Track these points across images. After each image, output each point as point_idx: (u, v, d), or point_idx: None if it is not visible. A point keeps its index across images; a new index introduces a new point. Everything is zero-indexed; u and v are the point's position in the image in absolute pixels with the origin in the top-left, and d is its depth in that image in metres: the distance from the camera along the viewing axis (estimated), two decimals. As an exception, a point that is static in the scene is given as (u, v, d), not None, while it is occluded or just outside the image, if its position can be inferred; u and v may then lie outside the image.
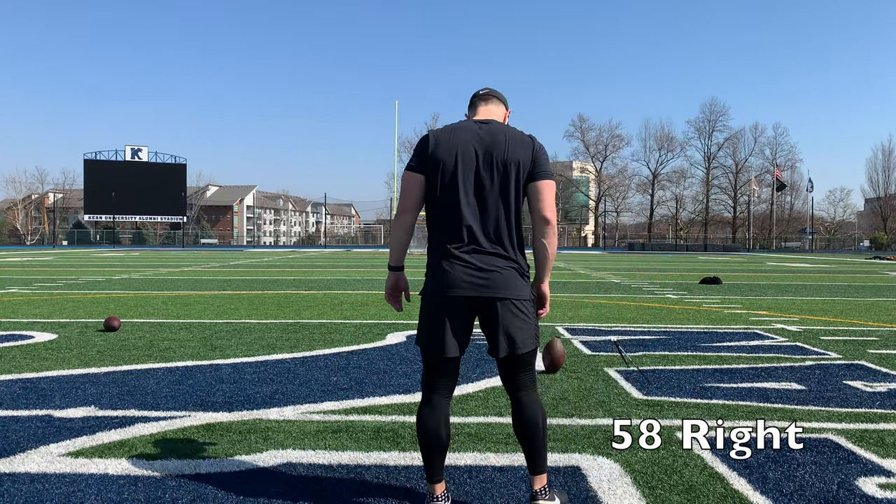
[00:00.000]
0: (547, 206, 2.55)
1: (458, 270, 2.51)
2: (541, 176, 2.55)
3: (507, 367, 2.61)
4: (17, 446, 3.35)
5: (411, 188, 2.57)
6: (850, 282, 16.46)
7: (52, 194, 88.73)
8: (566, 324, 8.01)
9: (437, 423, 2.57)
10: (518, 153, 2.52)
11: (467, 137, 2.54)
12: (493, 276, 2.51)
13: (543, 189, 2.55)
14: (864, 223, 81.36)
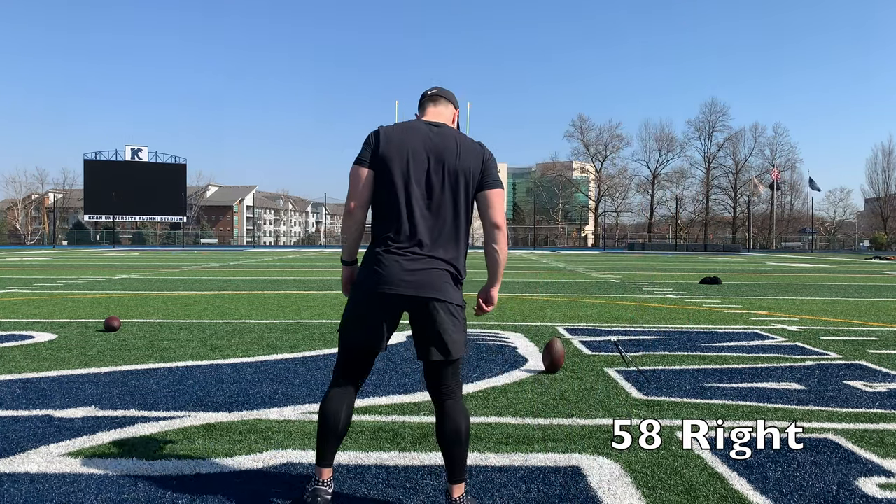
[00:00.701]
0: (497, 214, 2.57)
1: (395, 268, 2.50)
2: (491, 185, 2.58)
3: (436, 372, 2.59)
4: (17, 446, 3.35)
5: (361, 183, 2.54)
6: (850, 282, 16.46)
7: (52, 194, 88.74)
8: (566, 324, 8.01)
9: (339, 409, 2.58)
10: (469, 161, 2.54)
11: (419, 139, 2.53)
12: (429, 277, 2.50)
13: (493, 198, 2.58)
14: (864, 223, 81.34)
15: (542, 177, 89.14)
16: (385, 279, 2.50)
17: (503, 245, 2.59)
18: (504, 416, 3.93)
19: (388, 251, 2.52)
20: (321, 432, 2.60)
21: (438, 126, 2.59)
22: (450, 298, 2.52)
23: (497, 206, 2.57)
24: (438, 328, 2.51)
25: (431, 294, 2.49)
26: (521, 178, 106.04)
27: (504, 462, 3.18)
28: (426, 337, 2.54)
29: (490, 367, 5.33)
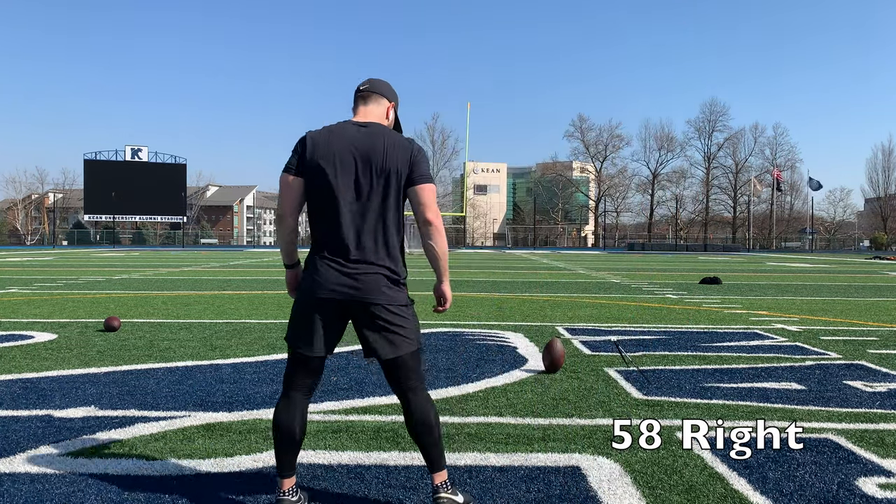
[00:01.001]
0: (428, 209, 2.54)
1: (330, 273, 2.51)
2: (420, 180, 2.55)
3: (389, 370, 2.61)
4: (17, 446, 3.35)
5: (290, 191, 2.56)
6: (850, 282, 16.46)
7: (52, 194, 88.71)
8: (566, 324, 8.01)
9: (293, 419, 2.58)
10: (396, 159, 2.52)
11: (345, 142, 2.52)
12: (364, 280, 2.50)
13: (423, 193, 2.55)
14: (864, 223, 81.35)
15: (542, 177, 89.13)
16: (321, 285, 2.52)
17: (438, 240, 2.57)
18: (504, 416, 3.93)
19: (323, 257, 2.54)
20: (277, 444, 2.59)
21: (366, 126, 2.57)
22: (384, 300, 2.52)
23: (426, 201, 2.55)
24: (380, 329, 2.53)
25: (367, 298, 2.50)
26: (521, 178, 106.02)
27: (504, 462, 3.18)
28: (370, 339, 2.55)
29: (490, 367, 5.33)
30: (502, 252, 49.50)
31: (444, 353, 5.97)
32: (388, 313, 2.53)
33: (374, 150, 2.51)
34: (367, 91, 2.68)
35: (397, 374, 2.60)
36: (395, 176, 2.52)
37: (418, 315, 2.71)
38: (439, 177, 78.22)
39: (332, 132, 2.55)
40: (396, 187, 2.53)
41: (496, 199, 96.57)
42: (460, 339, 6.77)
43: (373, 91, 2.68)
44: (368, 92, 2.68)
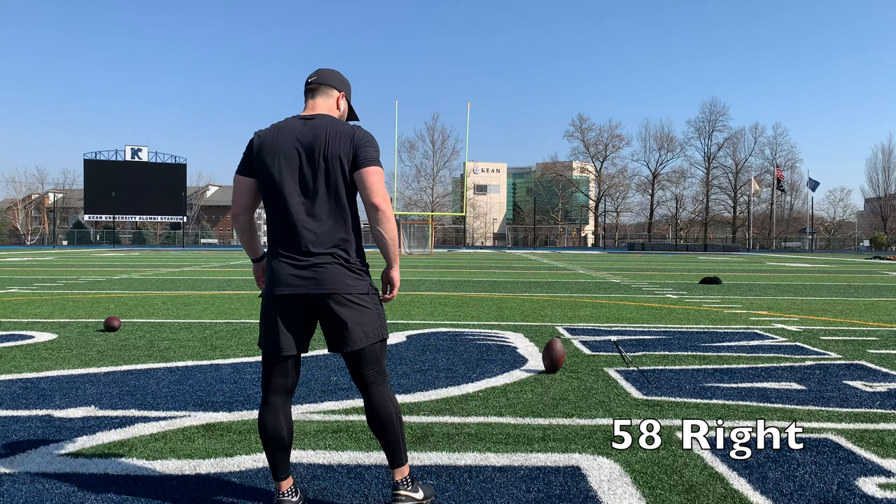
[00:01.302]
0: (374, 193, 2.50)
1: (285, 269, 2.51)
2: (363, 163, 2.50)
3: (351, 362, 2.59)
4: (17, 446, 3.36)
5: (239, 191, 2.60)
6: (850, 282, 16.46)
7: (52, 194, 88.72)
8: (566, 324, 8.01)
9: (277, 422, 2.57)
10: (339, 146, 2.49)
11: (289, 137, 2.52)
12: (320, 272, 2.49)
13: (367, 177, 2.50)
14: (864, 223, 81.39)
15: (542, 177, 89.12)
16: (278, 282, 2.52)
17: (386, 225, 2.52)
18: (504, 416, 3.93)
19: (277, 254, 2.54)
20: (266, 449, 2.59)
21: (312, 118, 2.56)
22: (343, 290, 2.50)
23: (372, 185, 2.50)
24: (340, 321, 2.51)
25: (324, 289, 2.48)
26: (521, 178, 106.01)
27: (504, 462, 3.18)
28: (329, 330, 2.55)
29: (490, 367, 5.33)
30: (502, 252, 49.51)
31: (444, 353, 5.97)
32: (348, 303, 2.51)
33: (316, 141, 2.49)
34: (315, 83, 2.66)
35: (358, 368, 2.59)
36: (339, 164, 2.49)
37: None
38: (439, 177, 78.33)
39: (279, 129, 2.55)
40: (342, 175, 2.50)
41: (496, 199, 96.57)
42: (460, 339, 6.77)
43: (320, 83, 2.66)
44: (316, 84, 2.66)
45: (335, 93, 2.69)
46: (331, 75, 2.70)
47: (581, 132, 79.40)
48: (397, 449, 2.60)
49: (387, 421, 2.58)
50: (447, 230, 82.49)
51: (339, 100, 2.70)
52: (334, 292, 2.49)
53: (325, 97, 2.66)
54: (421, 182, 78.13)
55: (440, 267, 23.16)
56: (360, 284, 2.55)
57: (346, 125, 2.57)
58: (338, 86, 2.70)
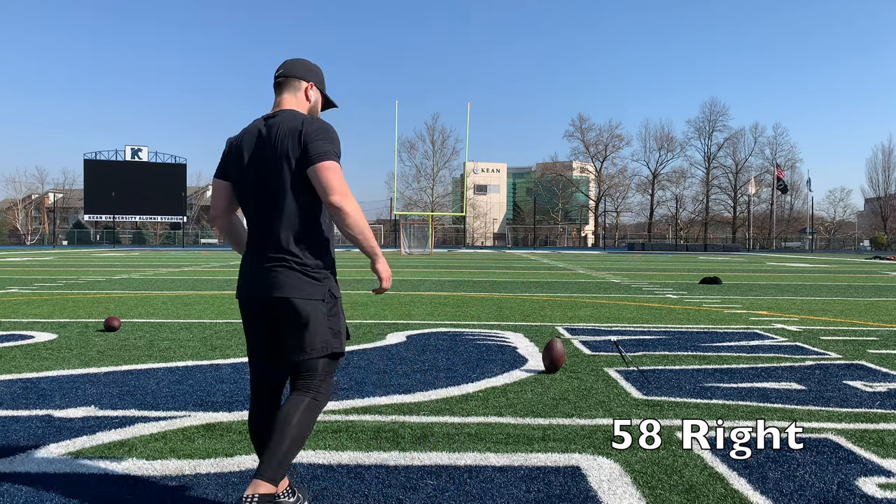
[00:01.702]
0: (330, 191, 2.31)
1: (246, 274, 2.49)
2: (315, 159, 2.33)
3: (292, 369, 2.47)
4: (17, 446, 3.36)
5: (216, 194, 2.60)
6: (850, 282, 16.46)
7: (52, 194, 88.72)
8: (566, 324, 8.01)
9: (267, 423, 2.54)
10: (287, 144, 2.37)
11: (250, 139, 2.47)
12: (272, 276, 2.41)
13: (320, 174, 2.32)
14: (864, 223, 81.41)
15: (542, 177, 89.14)
16: (242, 285, 2.51)
17: (349, 222, 2.33)
18: (504, 416, 3.93)
19: (244, 259, 2.54)
20: (258, 451, 2.59)
21: (273, 116, 2.47)
22: (296, 295, 2.38)
23: (326, 182, 2.31)
24: (288, 328, 2.41)
25: (276, 293, 2.39)
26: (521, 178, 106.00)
27: (504, 462, 3.18)
28: (280, 337, 2.45)
29: (490, 367, 5.33)
30: (502, 252, 49.52)
31: (444, 353, 5.97)
32: (298, 310, 2.38)
33: (269, 140, 2.41)
34: (280, 77, 2.56)
35: (294, 377, 2.46)
36: (288, 161, 2.36)
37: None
38: (439, 177, 78.32)
39: (245, 131, 2.51)
40: (295, 173, 2.37)
41: (496, 199, 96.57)
42: (460, 339, 6.77)
43: (286, 76, 2.55)
44: (282, 77, 2.55)
45: (303, 84, 2.57)
46: (295, 66, 2.57)
47: (581, 132, 79.51)
48: (272, 457, 2.29)
49: (283, 424, 2.33)
50: (447, 230, 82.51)
51: (308, 90, 2.58)
52: (283, 296, 2.38)
53: (291, 91, 2.55)
54: (421, 182, 78.21)
55: (440, 267, 23.16)
56: (313, 290, 2.41)
57: (297, 119, 2.41)
58: (305, 75, 2.57)
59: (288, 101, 2.54)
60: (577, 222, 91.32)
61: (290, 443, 2.32)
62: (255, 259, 2.47)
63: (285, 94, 2.55)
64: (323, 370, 2.46)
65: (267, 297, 2.41)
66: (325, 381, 2.48)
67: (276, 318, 2.43)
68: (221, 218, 2.62)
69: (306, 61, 2.62)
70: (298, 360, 2.42)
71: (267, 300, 2.42)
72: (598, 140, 79.33)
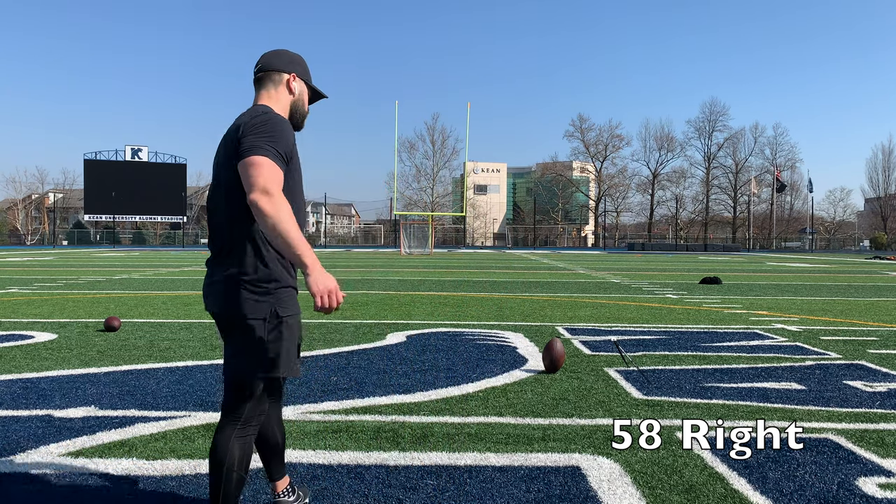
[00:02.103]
0: (250, 187, 2.02)
1: (205, 282, 2.31)
2: (241, 154, 2.08)
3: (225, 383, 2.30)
4: (17, 446, 3.36)
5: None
6: (850, 282, 16.46)
7: (52, 194, 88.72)
8: (566, 324, 8.01)
9: (266, 425, 2.46)
10: (226, 143, 2.19)
11: (223, 140, 2.28)
12: (215, 289, 2.22)
13: (242, 171, 2.07)
14: (864, 223, 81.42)
15: (542, 177, 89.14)
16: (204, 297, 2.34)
17: (269, 220, 1.99)
18: (504, 416, 3.93)
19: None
20: (259, 451, 2.56)
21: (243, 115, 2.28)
22: (238, 311, 2.17)
23: (246, 178, 2.04)
24: (229, 343, 2.25)
25: (215, 308, 2.24)
26: (521, 178, 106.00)
27: (504, 462, 3.18)
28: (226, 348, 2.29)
29: (490, 367, 5.33)
30: (502, 252, 49.52)
31: (444, 353, 5.97)
32: (238, 327, 2.19)
33: (224, 142, 2.24)
34: (258, 75, 2.36)
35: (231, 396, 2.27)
36: (228, 159, 2.16)
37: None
38: (439, 177, 78.34)
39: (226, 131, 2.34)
40: (232, 175, 2.15)
41: (496, 199, 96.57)
42: (460, 339, 6.77)
43: (264, 70, 2.34)
44: (261, 73, 2.35)
45: (283, 76, 2.35)
46: (275, 58, 2.36)
47: (581, 132, 79.47)
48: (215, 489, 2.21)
49: (216, 466, 2.21)
50: (447, 230, 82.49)
51: (291, 82, 2.36)
52: (222, 313, 2.21)
53: (271, 86, 2.34)
54: (421, 182, 78.18)
55: (440, 267, 23.16)
56: (256, 307, 2.16)
57: (246, 115, 2.21)
58: (285, 67, 2.35)
59: (263, 97, 2.34)
60: (577, 222, 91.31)
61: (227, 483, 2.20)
62: (207, 268, 2.30)
63: (262, 91, 2.34)
64: (253, 392, 2.25)
65: (213, 310, 2.26)
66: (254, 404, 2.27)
67: (224, 333, 2.28)
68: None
69: (285, 52, 2.40)
70: (233, 379, 2.24)
71: (214, 313, 2.27)
72: (598, 140, 79.37)
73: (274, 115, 2.18)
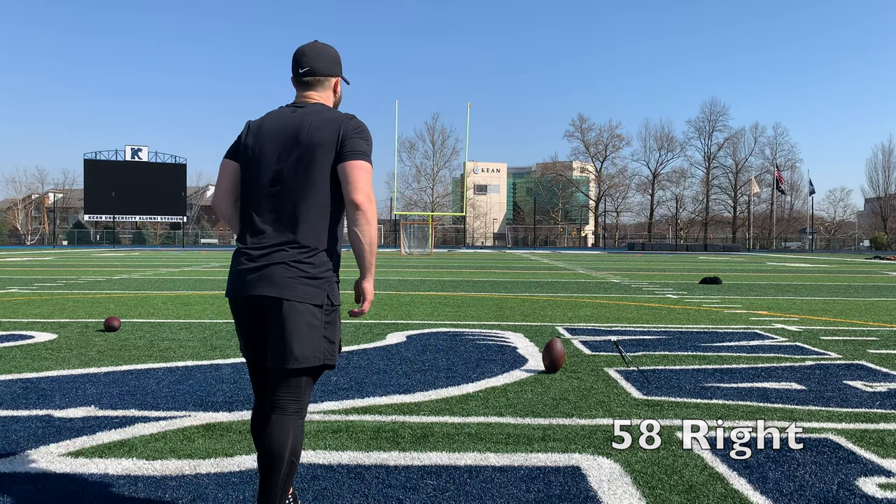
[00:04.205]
0: (357, 189, 2.20)
1: (240, 267, 2.26)
2: (349, 156, 2.23)
3: (272, 378, 2.25)
4: (17, 446, 3.35)
5: (222, 176, 2.41)
6: (850, 282, 16.46)
7: (52, 194, 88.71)
8: (566, 324, 8.01)
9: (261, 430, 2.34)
10: (322, 134, 2.25)
11: (275, 124, 2.33)
12: (270, 273, 2.20)
13: (351, 171, 2.21)
14: (864, 223, 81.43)
15: (542, 177, 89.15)
16: (233, 282, 2.29)
17: (365, 227, 2.20)
18: (504, 416, 3.93)
19: (238, 250, 2.32)
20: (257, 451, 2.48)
21: (302, 107, 2.37)
22: (295, 297, 2.18)
23: (356, 180, 2.20)
24: (278, 330, 2.20)
25: (270, 292, 2.19)
26: (521, 178, 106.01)
27: (504, 462, 3.18)
28: (269, 340, 2.24)
29: (490, 367, 5.33)
30: (502, 252, 49.52)
31: (444, 353, 5.97)
32: (293, 312, 2.18)
33: (300, 128, 2.27)
34: (306, 77, 2.42)
35: (276, 387, 2.24)
36: (320, 152, 2.24)
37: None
38: (439, 177, 78.36)
39: (268, 115, 2.40)
40: (321, 165, 2.24)
41: (496, 199, 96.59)
42: (460, 339, 6.77)
43: (312, 73, 2.41)
44: (308, 76, 2.42)
45: (331, 80, 2.47)
46: (324, 62, 2.43)
47: (581, 132, 79.45)
48: (270, 494, 2.20)
49: (276, 459, 2.19)
50: (447, 230, 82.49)
51: (337, 85, 2.50)
52: (280, 297, 2.18)
53: (320, 88, 2.44)
54: (421, 182, 78.21)
55: (440, 267, 23.16)
56: (314, 294, 2.21)
57: (337, 113, 2.34)
58: (333, 71, 2.46)
59: (316, 96, 2.44)
60: (577, 222, 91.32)
61: (287, 475, 2.22)
62: (249, 252, 2.26)
63: (313, 91, 2.44)
64: (307, 384, 2.27)
65: (262, 296, 2.21)
66: (306, 397, 2.29)
67: (269, 319, 2.24)
68: (224, 201, 2.41)
69: (327, 51, 2.46)
70: (290, 367, 2.20)
71: (262, 298, 2.21)
72: (598, 140, 79.36)
73: (364, 124, 2.35)
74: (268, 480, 2.20)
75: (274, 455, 2.19)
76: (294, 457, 2.22)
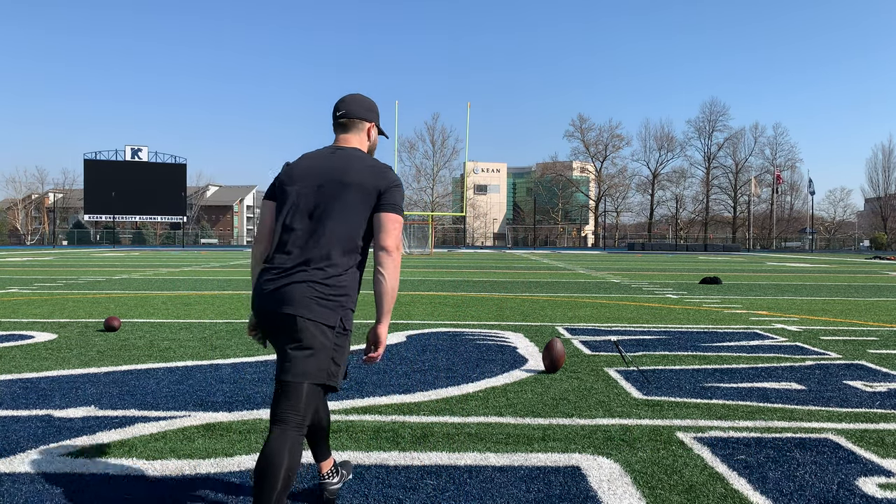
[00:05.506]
0: (389, 237, 2.39)
1: (264, 283, 2.37)
2: (388, 208, 2.42)
3: (278, 390, 2.32)
4: (17, 446, 3.36)
5: (264, 215, 2.55)
6: (850, 282, 16.46)
7: (52, 194, 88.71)
8: (566, 324, 8.01)
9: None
10: (367, 178, 2.43)
11: (313, 163, 2.49)
12: (292, 290, 2.31)
13: (387, 222, 2.41)
14: (864, 223, 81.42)
15: (542, 177, 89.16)
16: (256, 298, 2.40)
17: (392, 271, 2.37)
18: (504, 416, 3.93)
19: (264, 269, 2.43)
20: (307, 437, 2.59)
21: (342, 150, 2.54)
22: (310, 314, 2.28)
23: (389, 230, 2.40)
24: (291, 345, 2.30)
25: (288, 309, 2.29)
26: (521, 178, 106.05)
27: (504, 462, 3.18)
28: (281, 353, 2.34)
29: (490, 367, 5.33)
30: (502, 252, 49.52)
31: (444, 353, 5.97)
32: (308, 329, 2.28)
33: (341, 170, 2.44)
34: (345, 119, 2.61)
35: (281, 400, 2.30)
36: (360, 197, 2.41)
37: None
38: (439, 177, 78.35)
39: (306, 156, 2.56)
40: (358, 206, 2.41)
41: (496, 199, 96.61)
42: (460, 339, 6.77)
43: (350, 117, 2.61)
44: (346, 119, 2.61)
45: (365, 125, 2.64)
46: (358, 108, 2.63)
47: (581, 132, 79.47)
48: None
49: (271, 473, 2.20)
50: (447, 230, 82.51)
51: (370, 130, 2.66)
52: (296, 314, 2.29)
53: (356, 131, 2.62)
54: (421, 182, 78.19)
55: (440, 267, 23.16)
56: (328, 315, 2.32)
57: (376, 162, 2.52)
58: (367, 116, 2.65)
59: (352, 140, 2.61)
60: (577, 222, 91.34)
61: (282, 491, 2.22)
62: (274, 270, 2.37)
63: (350, 134, 2.61)
64: (311, 397, 2.32)
65: (280, 313, 2.31)
66: (308, 412, 2.33)
67: (285, 333, 2.33)
68: (267, 239, 2.51)
69: (364, 99, 2.67)
70: (292, 381, 2.29)
71: (280, 314, 2.31)
72: (598, 140, 79.37)
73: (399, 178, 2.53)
74: (259, 495, 2.20)
75: (269, 470, 2.20)
76: (290, 472, 2.23)
